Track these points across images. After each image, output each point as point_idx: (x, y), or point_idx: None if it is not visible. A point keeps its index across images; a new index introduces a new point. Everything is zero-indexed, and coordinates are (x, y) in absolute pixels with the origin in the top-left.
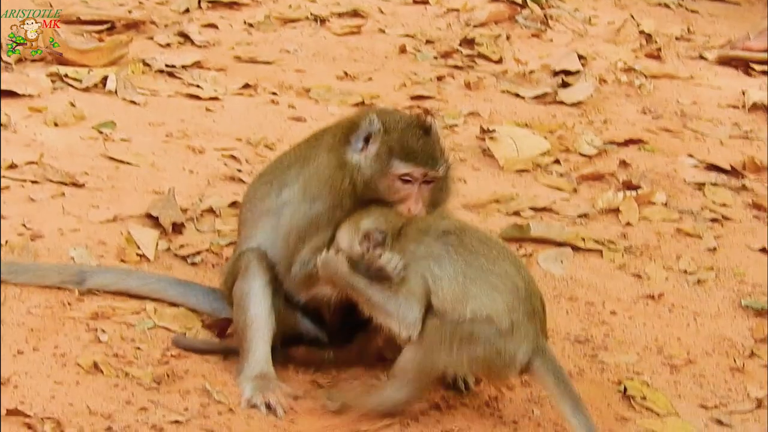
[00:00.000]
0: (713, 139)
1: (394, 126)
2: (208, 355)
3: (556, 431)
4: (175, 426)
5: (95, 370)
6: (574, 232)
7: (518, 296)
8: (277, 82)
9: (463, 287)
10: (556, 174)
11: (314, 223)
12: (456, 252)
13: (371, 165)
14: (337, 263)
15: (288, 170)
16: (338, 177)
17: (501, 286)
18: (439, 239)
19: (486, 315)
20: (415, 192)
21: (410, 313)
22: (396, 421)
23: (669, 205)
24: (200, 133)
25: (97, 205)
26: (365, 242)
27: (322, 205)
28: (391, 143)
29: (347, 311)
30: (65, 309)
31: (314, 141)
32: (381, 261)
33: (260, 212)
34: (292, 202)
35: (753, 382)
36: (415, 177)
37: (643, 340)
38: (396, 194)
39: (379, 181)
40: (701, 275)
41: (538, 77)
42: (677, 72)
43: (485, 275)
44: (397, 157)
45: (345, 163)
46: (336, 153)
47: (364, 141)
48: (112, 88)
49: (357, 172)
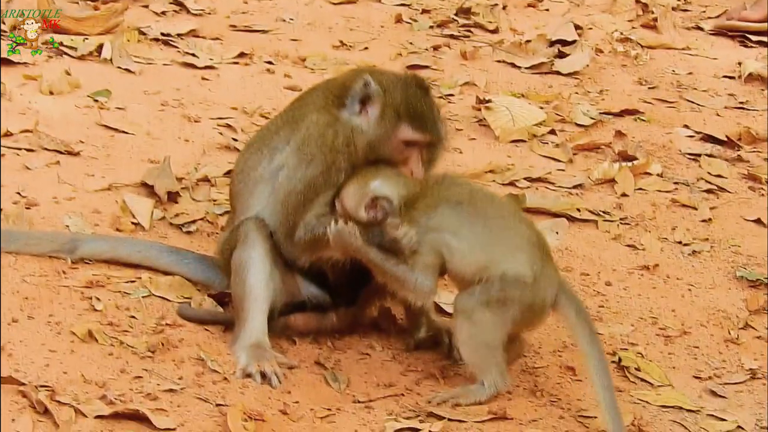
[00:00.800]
0: (709, 109)
1: (393, 87)
2: (212, 325)
3: (551, 401)
4: (169, 394)
5: (90, 339)
6: (569, 202)
7: (534, 247)
8: (272, 51)
9: (487, 254)
10: (551, 144)
11: (312, 185)
12: (473, 221)
13: (374, 128)
14: (350, 235)
15: (277, 135)
16: (330, 135)
17: (520, 244)
18: (453, 210)
19: (513, 276)
20: (417, 155)
21: (426, 284)
22: (392, 391)
23: (664, 175)
24: (196, 102)
25: (92, 174)
26: (372, 210)
27: (317, 167)
28: (396, 106)
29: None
30: (60, 277)
31: (301, 103)
32: (396, 233)
33: (254, 181)
34: (286, 166)
35: (747, 353)
36: (421, 142)
37: (638, 311)
38: (398, 156)
39: (382, 144)
40: (696, 246)
41: (534, 47)
42: (673, 42)
43: (505, 237)
44: (406, 123)
45: (337, 122)
46: (327, 113)
47: (360, 103)
48: (108, 56)
49: (358, 134)
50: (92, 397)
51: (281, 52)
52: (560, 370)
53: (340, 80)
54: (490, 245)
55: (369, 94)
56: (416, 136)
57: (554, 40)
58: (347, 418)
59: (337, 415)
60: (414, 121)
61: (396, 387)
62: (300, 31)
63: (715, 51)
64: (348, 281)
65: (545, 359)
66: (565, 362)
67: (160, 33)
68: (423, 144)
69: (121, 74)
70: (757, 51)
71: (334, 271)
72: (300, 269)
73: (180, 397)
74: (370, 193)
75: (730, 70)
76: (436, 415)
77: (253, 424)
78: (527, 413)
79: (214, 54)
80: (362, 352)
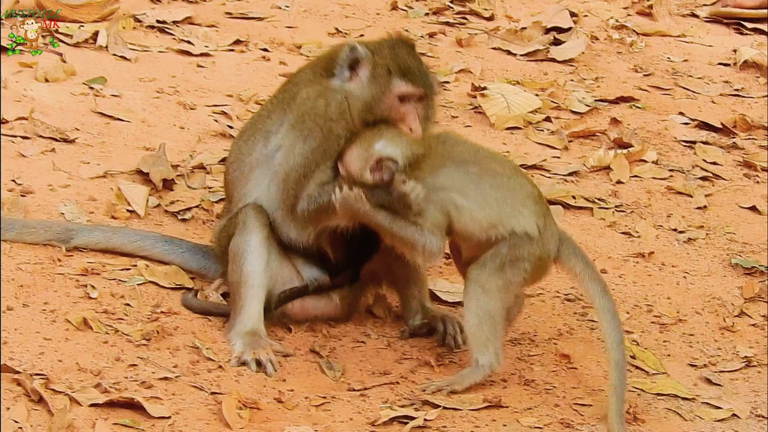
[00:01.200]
0: (704, 97)
1: (379, 48)
2: (216, 317)
3: (546, 389)
4: (164, 383)
5: (85, 327)
6: (564, 189)
7: (536, 201)
8: (268, 39)
9: (495, 212)
10: (547, 131)
11: (312, 158)
12: (479, 179)
13: (368, 89)
14: (356, 200)
15: (269, 119)
16: (322, 105)
17: (524, 199)
18: (459, 169)
19: (521, 232)
20: (413, 110)
21: (435, 243)
22: (387, 379)
23: (660, 163)
24: (191, 89)
25: (87, 161)
26: (378, 172)
27: (315, 139)
28: (386, 63)
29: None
30: (55, 265)
31: (290, 85)
32: (404, 189)
33: (250, 167)
34: (283, 145)
35: (742, 341)
36: (415, 95)
37: (633, 299)
38: (395, 114)
39: (377, 104)
40: (691, 234)
41: (529, 34)
42: (669, 29)
43: (510, 194)
44: (398, 77)
45: (327, 91)
46: (317, 84)
47: (350, 69)
48: (103, 43)
49: (352, 99)
50: (87, 386)
51: (277, 40)
52: (555, 358)
53: (325, 54)
54: (498, 203)
55: (357, 57)
56: (410, 88)
57: (550, 27)
58: (342, 406)
59: (332, 403)
60: (406, 75)
61: (391, 375)
62: (295, 18)
63: (710, 38)
64: (349, 259)
65: (540, 347)
66: (561, 350)
67: (155, 20)
68: (417, 97)
69: (117, 61)
70: (753, 38)
71: (335, 249)
72: (299, 252)
73: (175, 385)
74: (374, 155)
75: (725, 57)
76: (432, 403)
77: (248, 412)
78: (522, 401)
79: (209, 41)
80: (357, 339)
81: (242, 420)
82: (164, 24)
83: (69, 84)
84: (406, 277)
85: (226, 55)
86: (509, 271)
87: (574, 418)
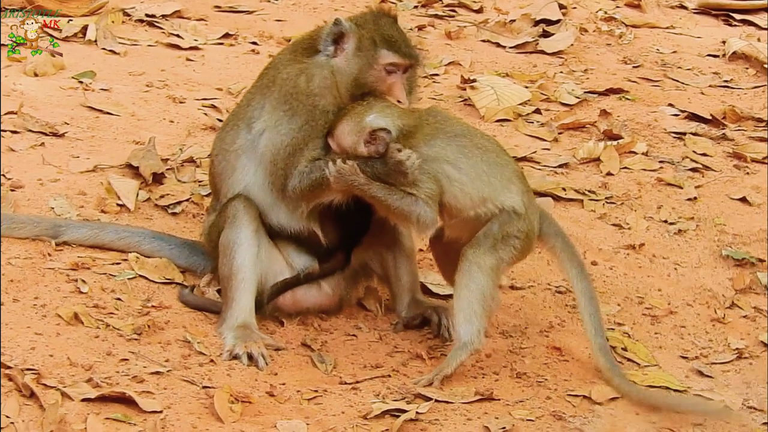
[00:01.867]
0: (694, 88)
1: (363, 20)
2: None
3: (537, 381)
4: (155, 377)
5: (76, 321)
6: (554, 181)
7: (520, 178)
8: (257, 32)
9: (485, 186)
10: (536, 124)
11: (299, 136)
12: (471, 153)
13: (354, 61)
14: (350, 173)
15: (250, 106)
16: (303, 81)
17: (511, 176)
18: (452, 142)
19: (510, 208)
20: (400, 82)
21: (428, 214)
22: (379, 372)
23: (650, 154)
24: (180, 82)
25: (77, 156)
26: (372, 143)
27: (300, 116)
28: (371, 35)
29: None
30: (45, 260)
31: (267, 70)
32: (399, 156)
33: (236, 156)
34: (267, 127)
35: (734, 332)
36: (401, 65)
37: (624, 291)
38: (382, 85)
39: (364, 76)
40: (682, 225)
41: (518, 26)
42: (657, 21)
43: (499, 170)
44: (384, 47)
45: (309, 67)
46: (297, 63)
47: (334, 43)
48: (92, 37)
49: (339, 74)
50: (78, 380)
51: (266, 33)
52: (547, 350)
53: (305, 36)
54: (489, 177)
55: (341, 31)
56: (396, 58)
57: (539, 19)
58: (334, 399)
59: (324, 397)
60: (392, 45)
61: (383, 368)
62: (284, 11)
63: (699, 30)
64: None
65: (532, 340)
66: (552, 342)
67: (144, 14)
68: (403, 68)
69: (106, 55)
70: (741, 29)
71: (326, 232)
72: (289, 240)
73: (166, 380)
74: (367, 128)
75: (714, 48)
76: (424, 396)
77: (239, 406)
78: (514, 394)
79: (198, 35)
80: (349, 333)
81: (234, 414)
82: (153, 18)
83: (58, 78)
84: (397, 269)
85: (215, 48)
86: (501, 249)
87: (566, 410)
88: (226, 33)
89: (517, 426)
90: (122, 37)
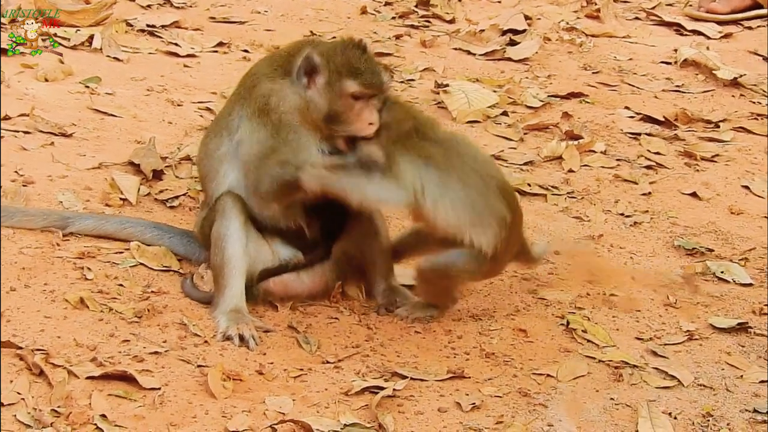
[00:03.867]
0: (648, 92)
1: (333, 52)
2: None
3: (505, 361)
4: (154, 357)
5: (81, 306)
6: (520, 178)
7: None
8: (248, 41)
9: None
10: (504, 125)
11: (268, 143)
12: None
13: (324, 94)
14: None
15: (230, 115)
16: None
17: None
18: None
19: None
20: (369, 106)
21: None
22: (359, 352)
23: (608, 153)
24: (178, 87)
25: (83, 154)
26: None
27: (268, 129)
28: (338, 68)
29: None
30: (54, 249)
31: (247, 78)
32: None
33: (219, 161)
34: (243, 137)
35: (685, 316)
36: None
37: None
38: (351, 112)
39: (334, 107)
40: (637, 218)
41: (487, 36)
42: (615, 31)
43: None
44: (349, 78)
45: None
46: (272, 83)
47: (307, 76)
48: (98, 46)
49: (311, 106)
50: (84, 360)
51: (256, 41)
52: (513, 332)
53: (285, 52)
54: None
55: (314, 65)
56: (361, 89)
57: (506, 29)
58: (318, 377)
59: (309, 375)
60: (357, 76)
61: (362, 348)
62: (274, 22)
63: (653, 39)
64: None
65: (499, 322)
66: (518, 325)
67: (146, 24)
68: (368, 96)
69: (110, 62)
70: (692, 38)
71: (311, 227)
72: (276, 233)
73: (164, 359)
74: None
75: (667, 56)
76: (400, 374)
77: (231, 383)
78: (483, 372)
79: (195, 43)
80: (331, 316)
81: (226, 390)
82: (153, 28)
83: (67, 83)
84: (374, 258)
85: (210, 55)
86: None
87: (531, 387)
88: (220, 42)
89: (486, 402)
90: (125, 46)
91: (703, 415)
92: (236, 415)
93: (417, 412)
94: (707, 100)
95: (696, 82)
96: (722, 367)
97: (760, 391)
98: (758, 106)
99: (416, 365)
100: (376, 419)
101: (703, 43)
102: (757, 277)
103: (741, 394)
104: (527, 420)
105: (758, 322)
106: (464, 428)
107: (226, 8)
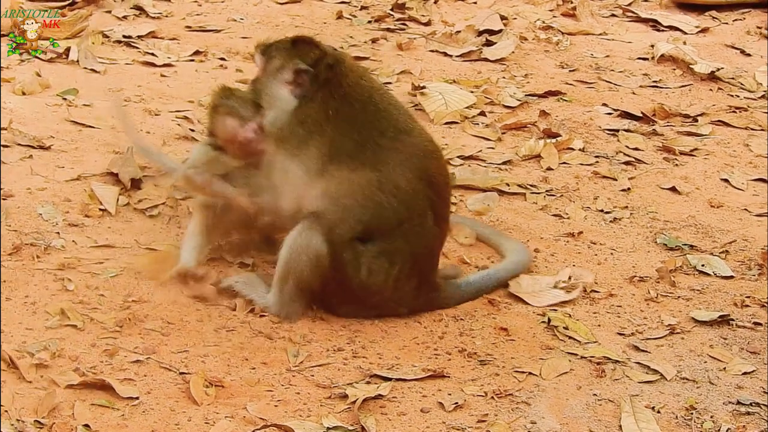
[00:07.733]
0: (625, 89)
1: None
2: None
3: (486, 360)
4: (136, 365)
5: (63, 317)
6: (499, 177)
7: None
8: (225, 49)
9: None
10: (482, 125)
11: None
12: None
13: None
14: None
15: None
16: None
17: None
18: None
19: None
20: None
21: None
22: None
23: (586, 150)
24: (155, 96)
25: (62, 166)
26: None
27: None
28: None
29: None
30: (35, 261)
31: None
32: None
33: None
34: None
35: (666, 311)
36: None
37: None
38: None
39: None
40: (617, 214)
41: (463, 37)
42: (591, 29)
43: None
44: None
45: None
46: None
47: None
48: (75, 58)
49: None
50: (66, 370)
51: (233, 49)
52: (494, 331)
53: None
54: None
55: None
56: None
57: (482, 30)
58: (300, 381)
59: (291, 379)
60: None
61: (344, 352)
62: (250, 29)
63: (629, 35)
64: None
65: (480, 322)
66: (499, 324)
67: (122, 35)
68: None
69: (87, 74)
70: (668, 34)
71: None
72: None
73: (146, 367)
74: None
75: (643, 52)
76: (382, 376)
77: (213, 389)
78: (465, 372)
79: (171, 53)
80: (313, 320)
81: (209, 397)
82: (130, 38)
83: (44, 96)
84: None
85: (186, 64)
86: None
87: (513, 385)
88: (196, 50)
89: (469, 401)
90: (102, 57)
91: (687, 409)
92: (219, 421)
93: (400, 413)
94: (685, 95)
95: (673, 77)
96: (705, 360)
97: (743, 383)
98: (736, 100)
99: (398, 366)
100: (359, 422)
101: (680, 38)
102: (738, 269)
103: (724, 386)
104: (510, 418)
105: (740, 314)
106: (447, 428)
107: (202, 17)
